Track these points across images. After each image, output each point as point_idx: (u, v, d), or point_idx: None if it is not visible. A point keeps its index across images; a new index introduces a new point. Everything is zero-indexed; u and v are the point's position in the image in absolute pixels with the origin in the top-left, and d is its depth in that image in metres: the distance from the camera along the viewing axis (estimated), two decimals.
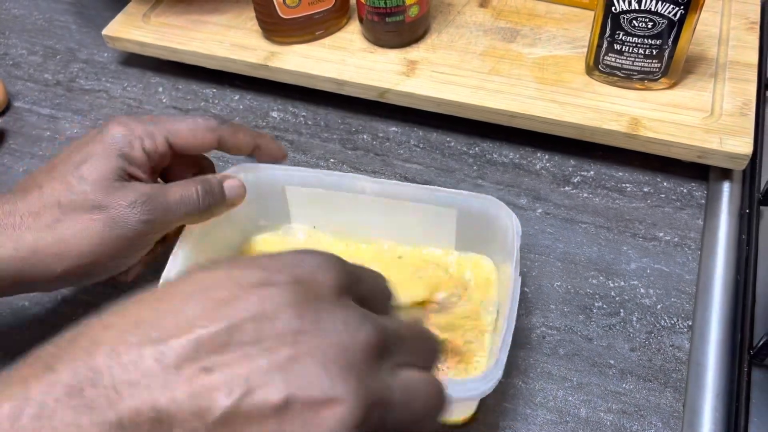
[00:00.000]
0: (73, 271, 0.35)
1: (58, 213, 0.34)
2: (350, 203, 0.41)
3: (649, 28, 0.45)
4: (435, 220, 0.40)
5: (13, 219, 0.34)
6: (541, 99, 0.49)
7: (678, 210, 0.47)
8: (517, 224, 0.37)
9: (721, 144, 0.45)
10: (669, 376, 0.39)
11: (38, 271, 0.34)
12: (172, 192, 0.36)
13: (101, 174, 0.35)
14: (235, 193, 0.39)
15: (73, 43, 0.64)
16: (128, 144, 0.36)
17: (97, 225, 0.34)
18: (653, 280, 0.43)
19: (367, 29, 0.54)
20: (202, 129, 0.38)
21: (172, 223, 0.37)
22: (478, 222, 0.39)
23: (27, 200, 0.34)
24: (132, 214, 0.35)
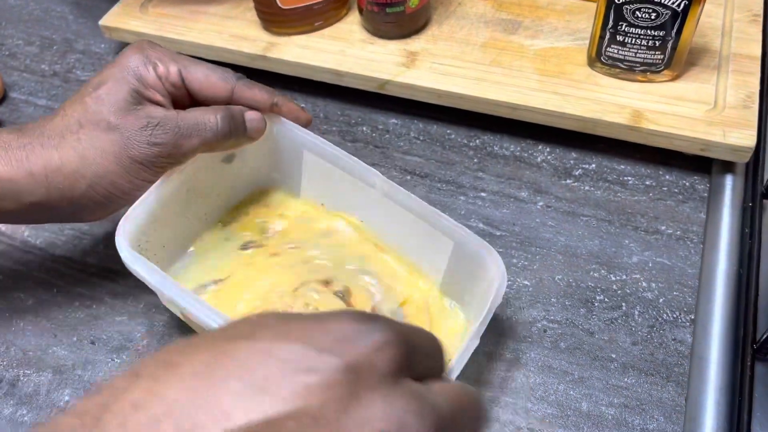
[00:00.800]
0: (93, 193, 0.36)
1: (78, 132, 0.35)
2: (359, 193, 0.40)
3: (653, 19, 0.44)
4: (433, 243, 0.38)
5: (41, 139, 0.35)
6: (542, 91, 0.49)
7: (680, 203, 0.47)
8: (503, 284, 0.34)
9: (724, 137, 0.45)
10: (671, 371, 0.39)
11: (63, 191, 0.35)
12: (188, 116, 0.36)
13: (116, 95, 0.35)
14: (256, 125, 0.39)
15: (69, 33, 0.63)
16: (143, 65, 0.36)
17: (113, 145, 0.35)
18: (655, 273, 0.43)
19: (366, 20, 0.54)
20: (216, 76, 0.38)
21: (186, 149, 0.36)
22: (468, 263, 0.37)
23: (53, 122, 0.36)
24: (143, 137, 0.35)
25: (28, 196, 0.35)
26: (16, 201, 0.35)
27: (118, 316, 0.43)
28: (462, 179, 0.49)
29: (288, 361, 0.20)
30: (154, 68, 0.37)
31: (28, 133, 0.35)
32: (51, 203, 0.35)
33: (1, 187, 0.34)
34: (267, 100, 0.40)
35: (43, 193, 0.35)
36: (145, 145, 0.35)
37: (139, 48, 0.37)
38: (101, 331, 0.43)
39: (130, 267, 0.35)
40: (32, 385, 0.40)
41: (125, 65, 0.36)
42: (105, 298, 0.44)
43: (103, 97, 0.35)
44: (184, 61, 0.38)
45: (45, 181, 0.35)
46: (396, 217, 0.39)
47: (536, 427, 0.37)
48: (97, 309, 0.43)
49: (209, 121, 0.37)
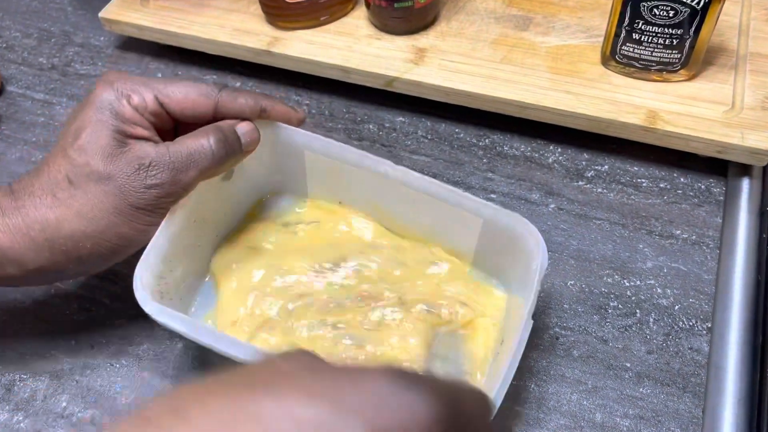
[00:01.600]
0: (100, 249, 0.34)
1: (69, 188, 0.33)
2: (371, 184, 0.38)
3: (671, 17, 0.43)
4: (458, 224, 0.37)
5: (32, 200, 0.33)
6: (554, 90, 0.47)
7: (696, 207, 0.45)
8: (545, 256, 0.33)
9: (742, 139, 0.43)
10: (688, 381, 0.38)
11: (68, 253, 0.33)
12: (180, 147, 0.34)
13: (99, 141, 0.33)
14: (250, 138, 0.37)
15: (68, 26, 0.62)
16: (116, 100, 0.34)
17: (109, 197, 0.33)
18: (670, 279, 0.42)
19: (374, 15, 0.52)
20: (195, 93, 0.36)
21: (185, 183, 0.34)
22: (502, 239, 0.36)
23: (40, 179, 0.34)
24: (138, 181, 0.33)
25: (31, 261, 0.33)
26: (19, 267, 0.33)
27: (118, 320, 0.42)
28: (471, 180, 0.48)
29: (312, 425, 0.18)
30: (128, 101, 0.34)
31: (18, 194, 0.33)
32: (57, 266, 0.34)
33: (2, 254, 0.32)
34: (254, 107, 0.37)
35: (46, 257, 0.33)
36: (142, 189, 0.33)
37: (107, 82, 0.35)
38: (100, 335, 0.41)
39: (157, 319, 0.33)
40: (29, 390, 0.39)
41: (98, 105, 0.34)
42: (104, 301, 0.43)
43: (86, 146, 0.33)
44: (158, 85, 0.36)
45: (47, 245, 0.33)
46: (414, 203, 0.38)
47: None
48: (96, 312, 0.42)
49: (203, 148, 0.34)
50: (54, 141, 0.52)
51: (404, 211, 0.40)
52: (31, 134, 0.53)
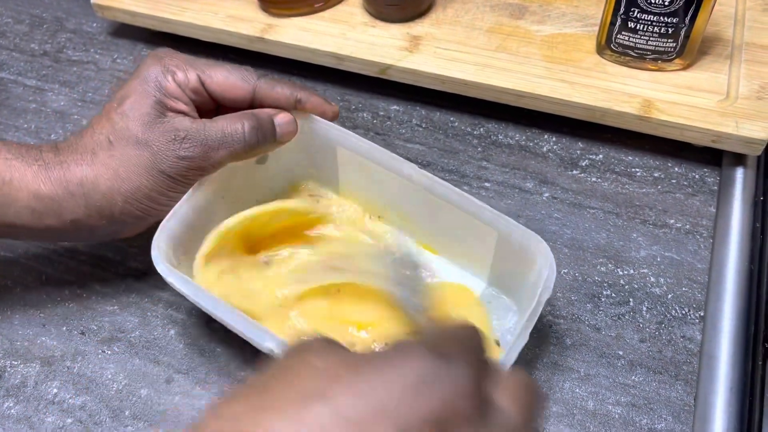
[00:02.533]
0: (131, 208, 0.36)
1: (109, 149, 0.35)
2: (397, 185, 0.39)
3: (666, 5, 0.43)
4: (475, 235, 0.37)
5: (75, 156, 0.35)
6: (549, 78, 0.47)
7: (689, 196, 0.45)
8: (551, 276, 0.33)
9: (737, 128, 0.43)
10: (680, 369, 0.38)
11: (101, 209, 0.35)
12: (216, 127, 0.36)
13: (141, 109, 0.35)
14: (286, 129, 0.38)
15: (60, 11, 0.61)
16: (161, 75, 0.36)
17: (143, 160, 0.35)
18: (664, 268, 0.42)
19: (368, 2, 0.52)
20: (236, 77, 0.38)
21: (215, 161, 0.36)
22: (514, 255, 0.36)
23: (83, 140, 0.36)
24: (171, 150, 0.35)
25: (69, 213, 0.35)
26: (58, 218, 0.35)
27: (110, 306, 0.42)
28: (465, 168, 0.48)
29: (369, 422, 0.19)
30: (173, 77, 0.36)
31: (63, 151, 0.36)
32: (90, 221, 0.36)
33: (44, 204, 0.35)
34: (290, 97, 0.39)
35: (83, 211, 0.35)
36: (174, 159, 0.35)
37: (156, 58, 0.37)
38: (91, 321, 0.41)
39: (167, 279, 0.34)
40: (19, 376, 0.39)
41: (145, 77, 0.36)
42: (96, 287, 0.42)
43: (128, 112, 0.35)
44: (202, 66, 0.38)
45: (83, 199, 0.35)
46: (437, 209, 0.38)
47: (542, 424, 0.36)
48: (88, 298, 0.42)
49: (236, 132, 0.36)
50: (45, 128, 0.52)
51: (426, 218, 0.40)
52: (23, 120, 0.53)
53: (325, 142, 0.41)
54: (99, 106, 0.53)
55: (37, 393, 0.38)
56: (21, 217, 0.35)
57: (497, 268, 0.39)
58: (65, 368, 0.39)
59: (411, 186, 0.38)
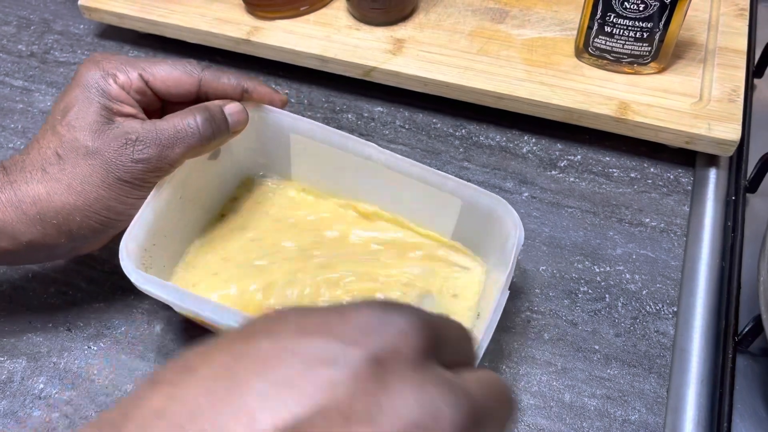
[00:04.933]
0: (90, 222, 0.35)
1: (59, 163, 0.34)
2: (354, 167, 0.39)
3: (641, 10, 0.44)
4: (437, 206, 0.38)
5: (23, 175, 0.34)
6: (529, 81, 0.48)
7: (664, 196, 0.47)
8: (521, 234, 0.35)
9: (709, 130, 0.45)
10: (653, 362, 0.39)
11: (59, 226, 0.34)
12: (167, 125, 0.35)
13: (87, 117, 0.34)
14: (237, 118, 0.37)
15: (47, 13, 0.62)
16: (102, 79, 0.35)
17: (97, 170, 0.34)
18: (639, 265, 0.43)
19: (353, 6, 0.53)
20: (179, 71, 0.37)
21: (172, 159, 0.35)
22: (480, 219, 0.37)
23: (30, 156, 0.35)
24: (125, 155, 0.34)
25: (24, 234, 0.34)
26: (12, 240, 0.34)
27: (96, 303, 0.42)
28: (447, 169, 0.49)
29: (311, 356, 0.19)
30: (114, 79, 0.36)
31: (10, 170, 0.34)
32: (48, 240, 0.34)
33: None
34: (236, 87, 0.38)
35: (38, 230, 0.34)
36: (130, 163, 0.34)
37: (93, 62, 0.36)
38: (78, 317, 0.42)
39: (142, 287, 0.33)
40: (6, 372, 0.40)
41: (85, 84, 0.35)
42: (81, 284, 0.43)
43: (74, 122, 0.34)
44: (142, 64, 0.37)
45: (38, 219, 0.34)
46: (397, 186, 0.39)
47: (518, 418, 0.37)
48: (74, 295, 0.43)
49: (189, 126, 0.35)
50: (32, 128, 0.52)
51: (385, 195, 0.41)
52: (10, 121, 0.53)
53: (278, 131, 0.40)
54: None
55: (23, 388, 0.39)
56: None
57: (459, 233, 0.40)
58: (51, 364, 0.40)
59: (370, 166, 0.39)
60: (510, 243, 0.35)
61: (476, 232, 0.39)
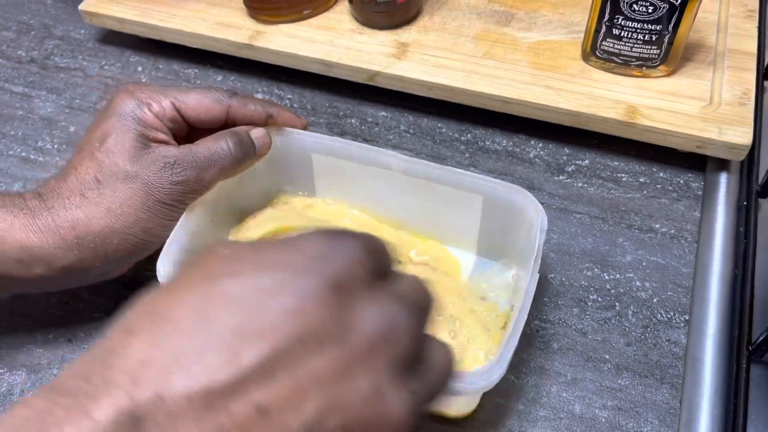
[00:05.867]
0: (126, 245, 0.35)
1: (98, 187, 0.35)
2: (376, 179, 0.40)
3: (650, 12, 0.43)
4: (460, 206, 0.39)
5: (61, 201, 0.35)
6: (535, 85, 0.48)
7: (674, 201, 0.46)
8: (544, 220, 0.35)
9: (720, 134, 0.44)
10: (665, 372, 0.38)
11: (96, 249, 0.35)
12: (202, 149, 0.37)
13: (125, 144, 0.36)
14: (262, 142, 0.39)
15: (48, 18, 0.61)
16: (138, 108, 0.37)
17: (136, 193, 0.35)
18: (649, 272, 0.42)
19: (356, 9, 0.52)
20: (209, 99, 0.38)
21: (207, 181, 0.37)
22: (503, 212, 0.37)
23: (68, 181, 0.35)
24: (164, 178, 0.35)
25: (60, 260, 0.34)
26: (47, 266, 0.34)
27: (97, 313, 0.41)
28: None
29: (277, 288, 0.20)
30: (148, 108, 0.37)
31: (47, 196, 0.35)
32: (83, 264, 0.35)
33: (33, 254, 0.34)
34: (262, 113, 0.40)
35: (75, 254, 0.34)
36: (168, 185, 0.35)
37: (127, 92, 0.37)
38: (79, 328, 0.41)
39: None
40: (5, 384, 0.39)
41: (121, 113, 0.36)
42: (83, 295, 0.42)
43: (112, 148, 0.35)
44: (174, 92, 0.38)
45: (75, 243, 0.34)
46: (419, 191, 0.39)
47: (527, 430, 0.36)
48: (75, 306, 0.42)
49: (222, 149, 0.37)
50: (32, 135, 0.52)
51: (410, 205, 0.40)
52: (9, 127, 0.52)
53: (299, 151, 0.41)
54: (86, 113, 0.53)
55: None
56: (8, 270, 0.34)
57: (485, 234, 0.40)
58: (52, 376, 0.39)
59: (392, 175, 0.39)
60: (534, 229, 0.35)
61: (500, 227, 0.38)
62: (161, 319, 0.20)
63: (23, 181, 0.49)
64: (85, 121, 0.53)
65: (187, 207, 0.37)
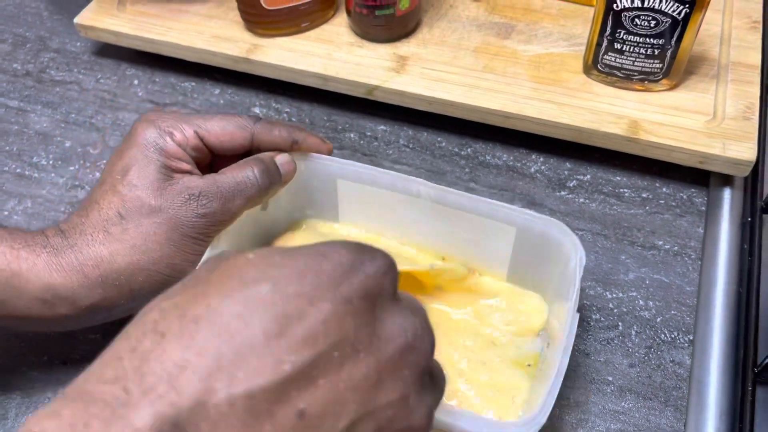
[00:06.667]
0: (152, 281, 0.34)
1: (121, 223, 0.34)
2: (403, 205, 0.39)
3: (652, 26, 0.43)
4: (491, 236, 0.37)
5: (84, 238, 0.33)
6: (536, 99, 0.47)
7: (678, 217, 0.45)
8: (582, 254, 0.34)
9: (724, 149, 0.43)
10: (669, 394, 0.37)
11: (120, 287, 0.34)
12: (227, 178, 0.35)
13: (147, 177, 0.34)
14: (287, 168, 0.38)
15: (44, 31, 0.60)
16: (159, 137, 0.35)
17: (161, 227, 0.34)
18: (652, 291, 0.42)
19: (355, 22, 0.52)
20: (232, 126, 0.37)
21: (233, 211, 0.36)
22: (537, 245, 0.36)
23: (90, 217, 0.34)
24: (189, 210, 0.34)
25: (84, 299, 0.33)
26: (72, 305, 0.33)
27: (91, 335, 0.41)
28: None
29: (316, 296, 0.21)
30: (171, 137, 0.36)
31: (69, 233, 0.34)
32: (108, 302, 0.34)
33: (57, 293, 0.33)
34: (287, 139, 0.38)
35: (99, 293, 0.33)
36: (194, 218, 0.34)
37: (148, 122, 0.36)
38: (73, 350, 0.40)
39: None
40: (0, 407, 0.38)
41: (142, 143, 0.35)
42: None
43: (135, 181, 0.34)
44: (197, 121, 0.37)
45: (100, 281, 0.33)
46: (449, 220, 0.38)
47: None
48: None
49: (248, 178, 0.36)
50: (28, 150, 0.51)
51: (438, 231, 0.39)
52: (4, 142, 0.52)
53: (325, 177, 0.40)
54: (82, 127, 0.53)
55: (17, 424, 0.38)
56: (32, 310, 0.33)
57: (517, 263, 0.39)
58: (46, 399, 0.39)
59: (420, 203, 0.38)
60: (572, 265, 0.34)
61: (533, 259, 0.37)
62: (193, 322, 0.20)
63: (18, 197, 0.48)
64: (81, 136, 0.52)
65: (211, 239, 0.36)
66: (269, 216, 0.41)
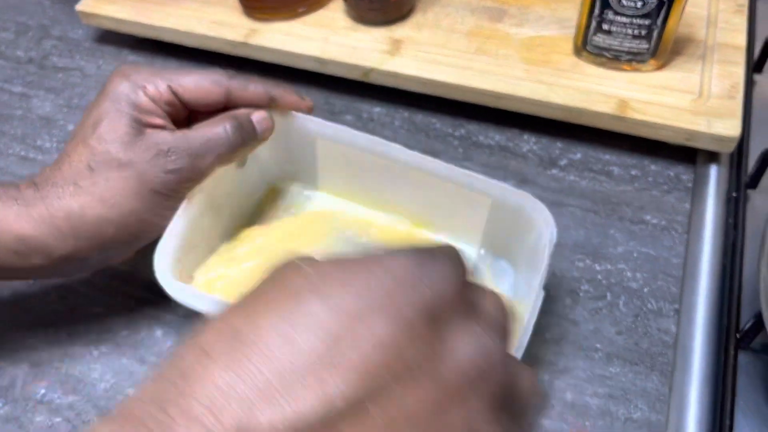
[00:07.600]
0: (123, 234, 0.34)
1: (91, 176, 0.34)
2: (380, 169, 0.39)
3: (639, 7, 0.44)
4: (466, 206, 0.38)
5: (55, 190, 0.33)
6: (528, 80, 0.48)
7: (665, 193, 0.46)
8: (554, 232, 0.35)
9: (708, 126, 0.45)
10: (655, 360, 0.39)
11: (91, 240, 0.34)
12: (198, 134, 0.35)
13: (118, 130, 0.34)
14: (264, 125, 0.38)
15: (45, 19, 0.62)
16: (132, 91, 0.35)
17: (130, 182, 0.34)
18: (640, 263, 0.43)
19: (350, 7, 0.53)
20: (207, 81, 0.37)
21: (204, 169, 0.35)
22: (510, 218, 0.37)
23: (61, 171, 0.34)
24: (158, 166, 0.34)
25: (57, 249, 0.33)
26: (45, 256, 0.33)
27: (96, 308, 0.42)
28: None
29: (368, 314, 0.19)
30: (143, 91, 0.35)
31: (41, 185, 0.34)
32: (81, 253, 0.34)
33: (29, 245, 0.33)
34: (264, 96, 0.38)
35: (71, 244, 0.33)
36: (163, 174, 0.34)
37: (122, 75, 0.36)
38: (78, 323, 0.42)
39: (180, 300, 0.34)
40: (7, 377, 0.40)
41: (115, 97, 0.35)
42: (81, 290, 0.43)
43: (105, 135, 0.34)
44: (170, 75, 0.37)
45: (71, 233, 0.33)
46: (426, 187, 0.38)
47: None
48: (74, 300, 0.42)
49: (220, 136, 0.35)
50: (31, 134, 0.52)
51: (414, 198, 0.40)
52: (9, 126, 0.53)
53: (304, 137, 0.40)
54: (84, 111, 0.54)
55: (25, 393, 0.39)
56: (5, 260, 0.33)
57: (490, 233, 0.39)
58: (53, 369, 0.40)
59: (397, 168, 0.38)
60: (542, 241, 0.35)
61: (505, 232, 0.38)
62: (240, 341, 0.19)
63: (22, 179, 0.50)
64: None
65: (183, 196, 0.36)
66: (247, 174, 0.41)
